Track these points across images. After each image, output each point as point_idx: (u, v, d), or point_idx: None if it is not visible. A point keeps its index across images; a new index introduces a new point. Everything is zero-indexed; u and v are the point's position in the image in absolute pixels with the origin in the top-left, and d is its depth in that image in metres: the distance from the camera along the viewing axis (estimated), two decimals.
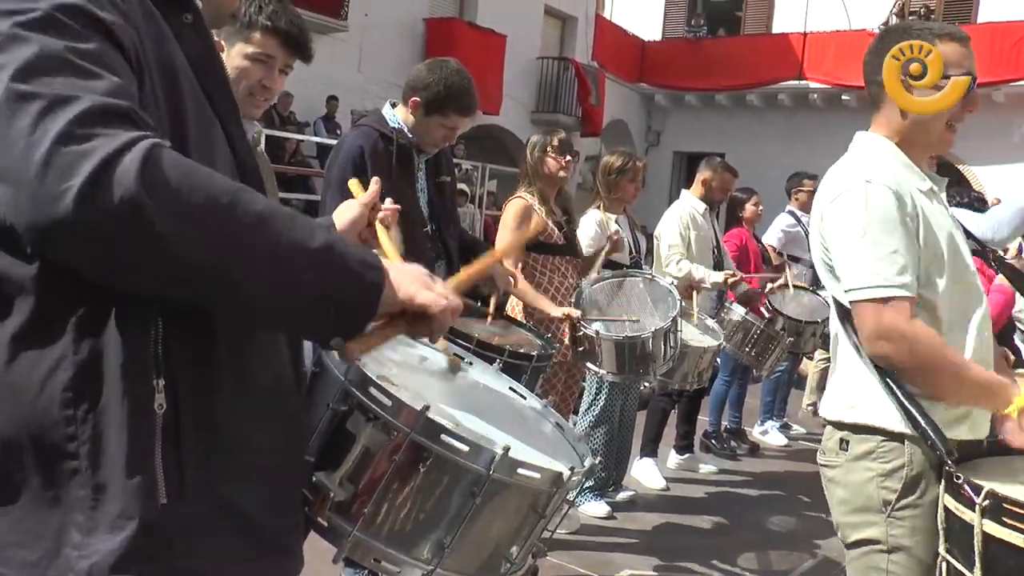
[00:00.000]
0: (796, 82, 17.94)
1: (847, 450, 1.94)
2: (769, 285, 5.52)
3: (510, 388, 1.74)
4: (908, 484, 1.85)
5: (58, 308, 1.01)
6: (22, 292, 1.01)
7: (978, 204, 4.47)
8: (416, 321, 1.14)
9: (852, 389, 1.96)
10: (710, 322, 4.64)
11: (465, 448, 1.23)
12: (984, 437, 1.94)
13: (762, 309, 5.38)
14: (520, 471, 1.27)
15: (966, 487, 1.64)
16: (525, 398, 1.71)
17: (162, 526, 1.04)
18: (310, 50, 2.32)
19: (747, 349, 5.27)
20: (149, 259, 0.93)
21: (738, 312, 5.25)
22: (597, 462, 1.47)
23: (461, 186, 11.16)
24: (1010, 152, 15.71)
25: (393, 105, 3.07)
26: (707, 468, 5.62)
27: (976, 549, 1.59)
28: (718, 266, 5.20)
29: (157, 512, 1.03)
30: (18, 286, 1.01)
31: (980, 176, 16.16)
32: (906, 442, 1.86)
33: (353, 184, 1.65)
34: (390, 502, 1.25)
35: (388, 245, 1.53)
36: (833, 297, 2.03)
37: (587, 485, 4.39)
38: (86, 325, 1.01)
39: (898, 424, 1.85)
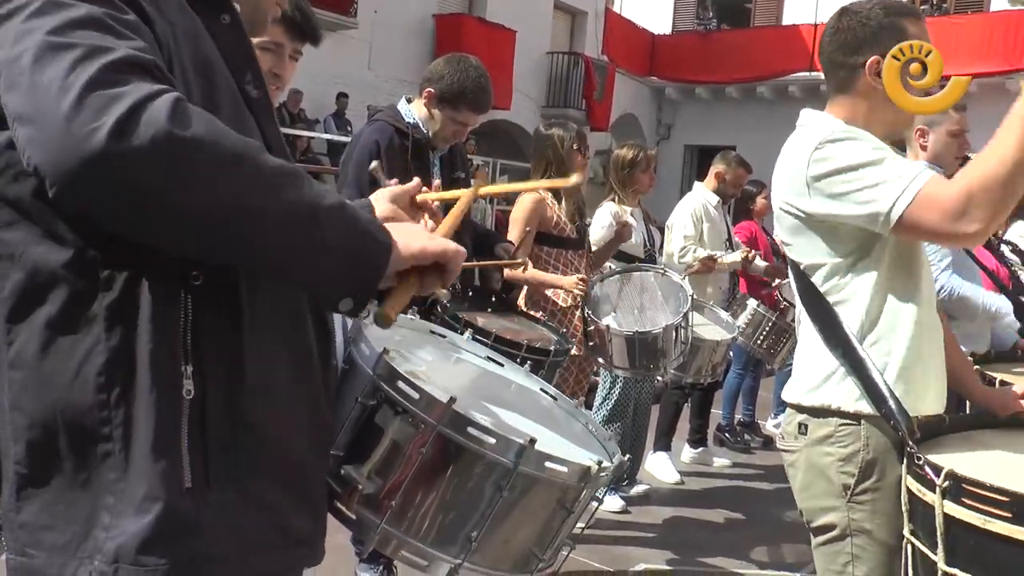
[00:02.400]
0: (807, 74, 17.83)
1: (806, 434, 1.92)
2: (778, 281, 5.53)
3: (541, 389, 1.74)
4: (865, 468, 1.83)
5: (90, 295, 1.04)
6: (55, 281, 1.04)
7: None
8: (428, 272, 1.14)
9: (812, 371, 1.93)
10: (723, 314, 4.64)
11: (492, 440, 1.24)
12: (944, 411, 1.92)
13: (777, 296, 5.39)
14: (548, 464, 1.28)
15: (927, 468, 1.60)
16: (556, 399, 1.71)
17: (187, 510, 1.05)
18: (318, 34, 2.31)
19: (759, 342, 5.27)
20: (175, 200, 0.94)
21: (750, 305, 5.25)
22: (626, 459, 1.48)
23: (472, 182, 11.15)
24: None
25: (409, 101, 3.08)
26: (721, 461, 5.62)
27: (938, 531, 1.57)
28: None
29: (182, 496, 1.05)
30: (51, 275, 1.04)
31: None
32: (863, 423, 1.83)
33: (375, 166, 1.65)
34: (417, 495, 1.25)
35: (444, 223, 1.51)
36: (792, 272, 1.97)
37: None
38: (118, 311, 1.03)
39: (854, 404, 1.84)
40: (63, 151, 0.90)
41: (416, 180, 1.48)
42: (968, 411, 2.28)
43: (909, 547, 1.71)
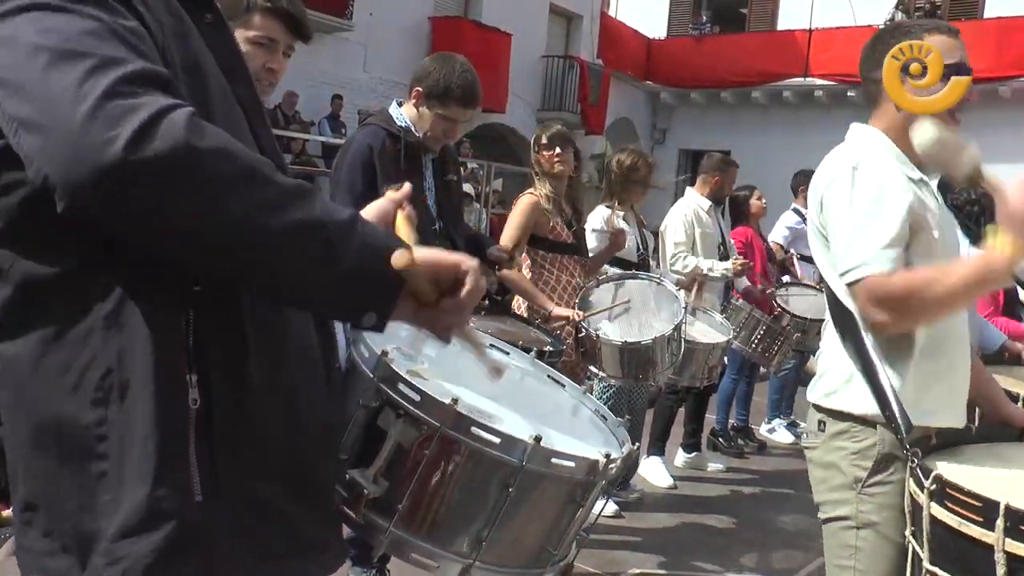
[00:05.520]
0: (801, 79, 17.90)
1: (824, 431, 2.01)
2: (769, 290, 5.55)
3: (548, 376, 1.73)
4: (879, 462, 1.91)
5: (85, 307, 1.00)
6: (47, 294, 1.00)
7: (986, 201, 4.43)
8: (446, 294, 1.09)
9: (831, 375, 2.01)
10: (718, 317, 4.64)
11: (497, 440, 1.23)
12: (966, 423, 1.99)
13: (772, 302, 5.40)
14: (554, 460, 1.27)
15: (918, 471, 1.68)
16: (564, 386, 1.71)
17: (197, 525, 1.02)
18: (309, 30, 2.33)
19: (754, 345, 5.27)
20: (191, 213, 0.91)
21: (744, 307, 5.25)
22: (635, 448, 1.46)
23: (466, 186, 11.16)
24: (1017, 148, 15.63)
25: (400, 104, 3.07)
26: (714, 466, 5.61)
27: (924, 530, 1.65)
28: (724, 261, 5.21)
29: (192, 510, 1.01)
30: (43, 288, 1.00)
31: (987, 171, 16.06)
32: (878, 427, 1.91)
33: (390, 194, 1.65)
34: (425, 497, 1.25)
35: (408, 235, 1.51)
36: (825, 282, 2.06)
37: None
38: (114, 323, 1.00)
39: (871, 410, 1.90)
40: (76, 161, 0.87)
41: (405, 189, 1.45)
42: (978, 421, 2.28)
43: (910, 547, 1.77)
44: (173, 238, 0.94)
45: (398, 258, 1.01)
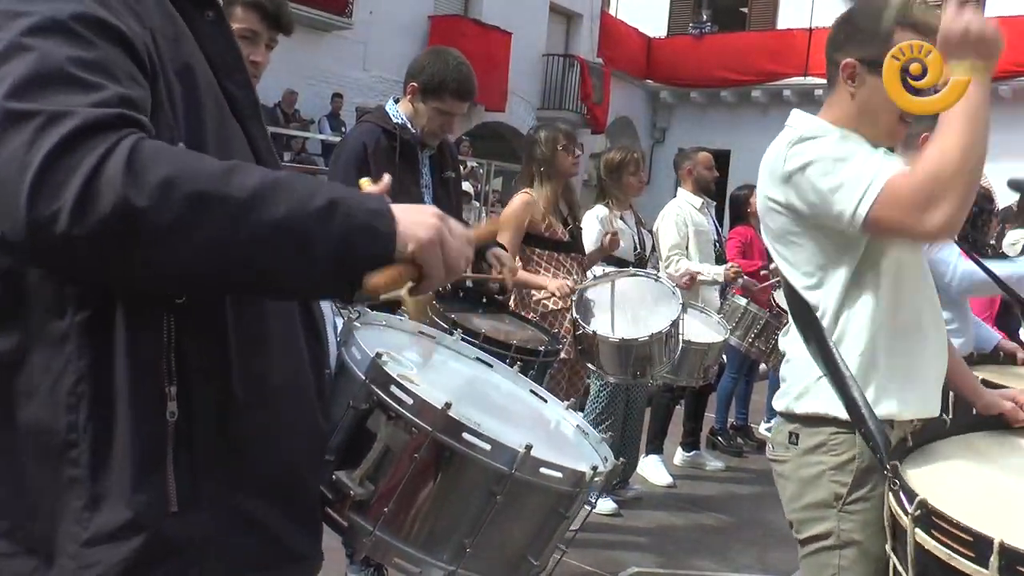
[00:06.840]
0: (801, 78, 17.88)
1: (797, 444, 1.87)
2: (772, 266, 5.53)
3: (531, 391, 1.72)
4: (859, 477, 1.79)
5: (63, 311, 0.99)
6: (34, 292, 1.00)
7: (984, 202, 4.39)
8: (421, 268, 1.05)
9: (799, 378, 1.88)
10: (715, 317, 4.63)
11: (487, 447, 1.22)
12: (939, 414, 1.87)
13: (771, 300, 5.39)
14: (543, 470, 1.26)
15: (901, 494, 1.55)
16: (546, 401, 1.70)
17: (172, 535, 1.01)
18: (288, 23, 2.34)
19: (750, 340, 5.27)
20: (152, 259, 0.91)
21: (740, 303, 5.24)
22: (619, 463, 1.45)
23: (465, 184, 11.16)
24: (1017, 148, 15.63)
25: (396, 101, 3.07)
26: (713, 465, 5.61)
27: (909, 555, 1.53)
28: (720, 259, 5.20)
29: (166, 520, 1.01)
30: (26, 285, 0.99)
31: (987, 172, 16.06)
32: (857, 433, 1.78)
33: (365, 183, 1.64)
34: (411, 501, 1.24)
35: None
36: (783, 280, 1.94)
37: None
38: (97, 329, 0.99)
39: (846, 412, 1.78)
40: (32, 234, 0.88)
41: (384, 183, 1.43)
42: (952, 409, 2.23)
43: (891, 563, 1.66)
44: (139, 278, 0.94)
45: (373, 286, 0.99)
